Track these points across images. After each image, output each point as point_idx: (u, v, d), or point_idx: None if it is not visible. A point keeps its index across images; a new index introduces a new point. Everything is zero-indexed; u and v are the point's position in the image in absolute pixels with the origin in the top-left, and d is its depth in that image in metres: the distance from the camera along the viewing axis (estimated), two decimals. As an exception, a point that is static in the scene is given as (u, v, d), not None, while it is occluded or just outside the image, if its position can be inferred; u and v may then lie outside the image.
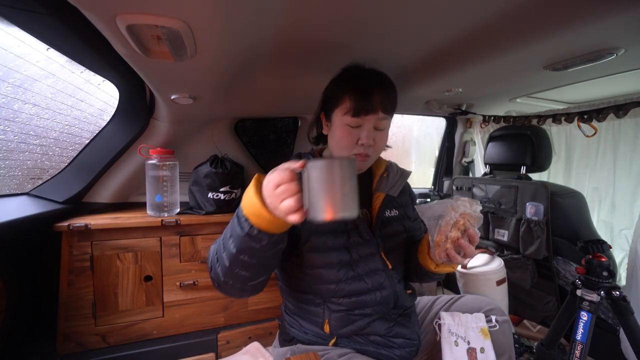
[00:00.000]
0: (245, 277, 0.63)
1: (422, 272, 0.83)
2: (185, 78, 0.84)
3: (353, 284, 0.76)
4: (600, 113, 1.10)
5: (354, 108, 0.73)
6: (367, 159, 0.79)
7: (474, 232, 0.69)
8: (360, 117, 0.74)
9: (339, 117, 0.77)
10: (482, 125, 1.71)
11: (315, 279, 0.76)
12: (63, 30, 0.67)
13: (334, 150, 0.82)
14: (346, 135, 0.76)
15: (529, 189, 1.33)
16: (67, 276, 1.07)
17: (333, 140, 0.80)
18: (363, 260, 0.77)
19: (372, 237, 0.79)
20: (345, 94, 0.75)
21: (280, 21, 0.66)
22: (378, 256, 0.79)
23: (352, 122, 0.75)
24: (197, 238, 1.23)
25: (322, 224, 0.73)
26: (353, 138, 0.75)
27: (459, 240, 0.68)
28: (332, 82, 0.83)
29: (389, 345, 0.78)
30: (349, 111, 0.74)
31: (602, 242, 0.95)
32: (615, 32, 0.69)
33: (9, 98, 1.12)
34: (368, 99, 0.73)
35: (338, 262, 0.76)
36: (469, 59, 0.89)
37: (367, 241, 0.78)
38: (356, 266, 0.77)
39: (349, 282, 0.76)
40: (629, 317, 0.88)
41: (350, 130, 0.75)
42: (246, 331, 1.30)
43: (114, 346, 1.14)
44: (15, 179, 1.21)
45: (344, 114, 0.75)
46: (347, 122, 0.75)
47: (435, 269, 0.78)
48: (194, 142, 1.46)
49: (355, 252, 0.77)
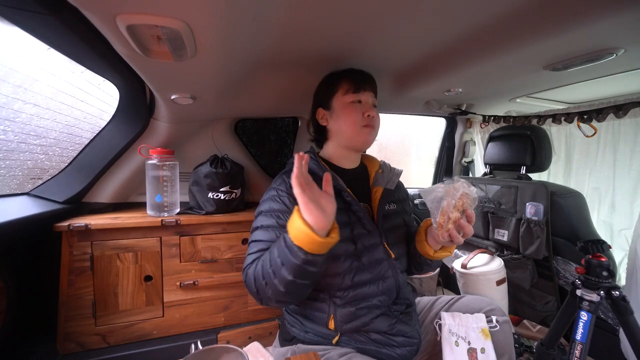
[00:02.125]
0: (300, 294, 0.69)
1: (421, 261, 0.87)
2: (185, 78, 0.84)
3: (357, 274, 0.78)
4: (600, 113, 1.10)
5: (354, 85, 0.86)
6: (373, 131, 0.87)
7: (471, 212, 0.73)
8: (361, 92, 0.86)
9: (340, 99, 0.87)
10: (482, 125, 1.71)
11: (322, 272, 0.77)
12: (63, 30, 0.66)
13: (341, 130, 0.87)
14: (352, 110, 0.85)
15: (529, 189, 1.33)
16: (67, 276, 1.08)
17: (339, 121, 0.87)
18: (367, 251, 0.79)
19: (375, 229, 0.82)
20: (342, 78, 0.88)
21: (280, 22, 0.66)
22: (381, 246, 0.82)
23: (355, 98, 0.86)
24: (197, 238, 1.23)
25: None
26: (358, 112, 0.85)
27: (459, 220, 0.71)
28: (322, 82, 0.94)
29: (390, 344, 0.78)
30: (349, 90, 0.86)
31: (602, 242, 0.95)
32: (615, 32, 0.69)
33: (10, 98, 1.12)
34: (364, 78, 0.88)
35: (343, 252, 0.77)
36: (469, 59, 0.89)
37: (370, 232, 0.81)
38: (361, 257, 0.78)
39: (353, 273, 0.78)
40: (629, 317, 0.88)
41: (354, 106, 0.86)
42: (246, 331, 1.30)
43: (114, 346, 1.14)
44: (15, 178, 1.21)
45: (345, 94, 0.86)
46: (350, 99, 0.86)
47: (434, 255, 0.82)
48: (194, 142, 1.46)
49: (359, 242, 0.79)
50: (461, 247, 1.69)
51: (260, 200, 0.84)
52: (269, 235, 0.75)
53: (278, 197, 0.79)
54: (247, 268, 0.72)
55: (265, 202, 0.81)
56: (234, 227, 1.29)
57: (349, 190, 0.81)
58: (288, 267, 0.61)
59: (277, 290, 0.64)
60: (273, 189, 0.82)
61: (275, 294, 0.65)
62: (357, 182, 0.89)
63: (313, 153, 0.86)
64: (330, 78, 0.91)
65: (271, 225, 0.76)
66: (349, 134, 0.86)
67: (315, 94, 0.95)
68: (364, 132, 0.85)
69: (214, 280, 1.26)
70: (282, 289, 0.63)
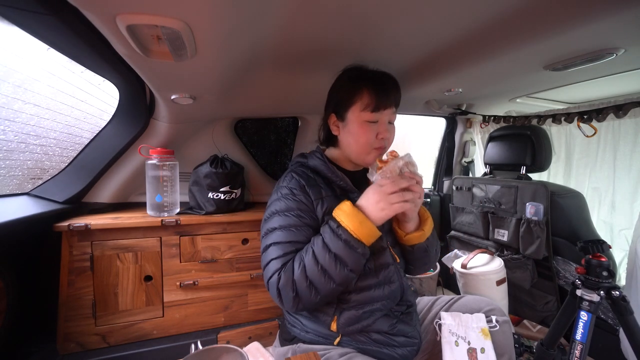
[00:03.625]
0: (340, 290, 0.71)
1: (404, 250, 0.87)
2: (185, 78, 0.84)
3: (365, 279, 0.77)
4: (600, 113, 1.10)
5: (374, 104, 0.77)
6: (383, 152, 0.83)
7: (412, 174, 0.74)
8: (380, 111, 0.78)
9: (356, 115, 0.79)
10: (482, 125, 1.71)
11: None
12: (63, 30, 0.66)
13: (350, 147, 0.83)
14: (366, 131, 0.79)
15: (529, 189, 1.33)
16: (67, 276, 1.08)
17: (349, 137, 0.82)
18: (374, 255, 0.79)
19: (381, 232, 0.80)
20: (363, 91, 0.78)
21: (280, 21, 0.66)
22: (388, 251, 0.81)
23: (372, 118, 0.78)
24: (197, 238, 1.23)
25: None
26: (372, 133, 0.79)
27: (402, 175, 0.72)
28: (341, 83, 0.84)
29: (391, 344, 0.78)
30: (367, 107, 0.78)
31: (602, 242, 0.95)
32: (615, 32, 0.69)
33: (9, 98, 1.12)
34: (387, 95, 0.79)
35: None
36: (469, 59, 0.89)
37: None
38: (368, 261, 0.77)
39: (360, 278, 0.77)
40: (629, 317, 0.88)
41: (369, 126, 0.79)
42: (246, 331, 1.30)
43: (114, 346, 1.14)
44: (15, 178, 1.21)
45: (362, 110, 0.78)
46: (367, 117, 0.78)
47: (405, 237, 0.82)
48: (194, 142, 1.46)
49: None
50: (461, 247, 1.70)
51: (269, 201, 0.82)
52: (294, 236, 0.73)
53: (294, 196, 0.77)
54: (277, 273, 0.69)
55: (278, 202, 0.78)
56: (234, 227, 1.29)
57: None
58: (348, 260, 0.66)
59: (328, 289, 0.66)
60: (285, 188, 0.79)
61: (324, 294, 0.68)
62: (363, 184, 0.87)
63: (320, 153, 0.86)
64: (351, 83, 0.81)
65: (293, 224, 0.74)
66: (357, 153, 0.82)
67: (332, 93, 0.86)
68: (373, 154, 0.81)
69: (214, 280, 1.26)
70: (334, 286, 0.66)
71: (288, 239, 0.73)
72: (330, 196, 0.79)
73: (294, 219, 0.74)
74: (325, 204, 0.77)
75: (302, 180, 0.79)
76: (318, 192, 0.78)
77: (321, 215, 0.76)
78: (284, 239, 0.73)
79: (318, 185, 0.80)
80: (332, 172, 0.81)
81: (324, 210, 0.76)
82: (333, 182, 0.83)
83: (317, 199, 0.77)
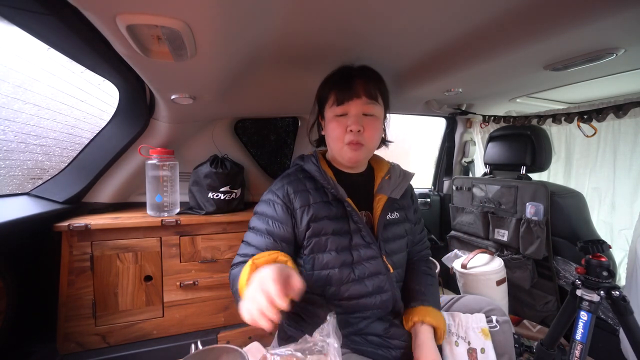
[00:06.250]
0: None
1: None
2: (185, 78, 0.84)
3: (354, 286, 0.76)
4: (600, 113, 1.10)
5: (337, 97, 0.78)
6: (361, 148, 0.79)
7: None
8: (345, 104, 0.77)
9: (329, 110, 0.81)
10: (482, 125, 1.71)
11: (317, 280, 0.77)
12: (63, 30, 0.66)
13: (329, 144, 0.85)
14: (336, 125, 0.79)
15: (529, 189, 1.33)
16: (67, 276, 1.08)
17: (327, 135, 0.84)
18: (365, 263, 0.77)
19: (374, 240, 0.79)
20: (331, 89, 0.80)
21: (280, 21, 0.66)
22: (380, 259, 0.79)
23: (339, 111, 0.78)
24: (197, 238, 1.23)
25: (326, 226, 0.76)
26: (342, 127, 0.78)
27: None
28: (321, 84, 0.87)
29: (386, 345, 0.78)
30: (334, 102, 0.78)
31: (602, 242, 0.95)
32: (615, 32, 0.69)
33: (9, 98, 1.12)
34: (350, 86, 0.77)
35: (340, 263, 0.76)
36: (469, 59, 0.89)
37: (369, 244, 0.78)
38: (357, 268, 0.77)
39: (350, 284, 0.76)
40: (629, 317, 0.88)
41: (338, 120, 0.79)
42: (246, 331, 1.30)
43: (114, 346, 1.14)
44: (15, 179, 1.21)
45: (331, 106, 0.80)
46: (335, 112, 0.79)
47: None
48: (194, 142, 1.46)
49: (357, 254, 0.77)
50: (461, 247, 1.70)
51: (260, 199, 0.85)
52: (257, 240, 0.76)
53: (273, 203, 0.79)
54: (232, 269, 0.76)
55: (262, 204, 0.82)
56: (234, 227, 1.29)
57: (349, 201, 0.79)
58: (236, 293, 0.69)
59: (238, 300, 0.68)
60: (271, 192, 0.81)
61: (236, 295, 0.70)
62: (360, 188, 0.86)
63: (315, 157, 0.85)
64: (325, 82, 0.84)
65: (261, 229, 0.77)
66: (335, 150, 0.82)
67: (316, 97, 0.89)
68: (347, 151, 0.78)
69: (214, 280, 1.26)
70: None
71: (253, 242, 0.76)
72: (319, 203, 0.79)
73: (264, 225, 0.77)
74: (311, 210, 0.77)
75: (291, 187, 0.80)
76: (305, 199, 0.78)
77: (306, 222, 0.76)
78: (251, 240, 0.77)
79: (307, 191, 0.80)
80: (325, 178, 0.79)
81: (309, 217, 0.76)
82: (326, 188, 0.81)
83: (303, 206, 0.78)
